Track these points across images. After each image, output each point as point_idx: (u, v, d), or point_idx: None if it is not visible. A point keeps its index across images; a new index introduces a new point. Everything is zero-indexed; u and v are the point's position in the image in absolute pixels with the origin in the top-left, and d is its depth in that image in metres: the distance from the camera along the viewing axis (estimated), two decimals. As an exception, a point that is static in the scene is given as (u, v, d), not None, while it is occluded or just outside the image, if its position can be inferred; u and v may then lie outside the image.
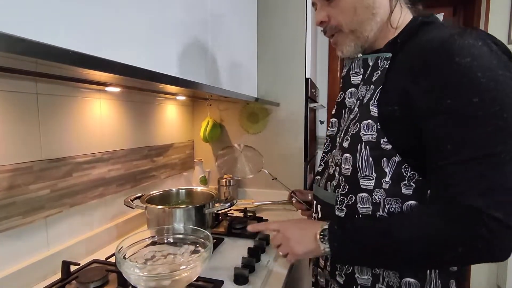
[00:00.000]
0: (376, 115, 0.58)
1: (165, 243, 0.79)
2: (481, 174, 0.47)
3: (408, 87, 0.55)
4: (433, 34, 0.55)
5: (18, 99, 0.75)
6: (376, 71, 0.62)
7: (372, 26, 0.62)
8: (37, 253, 0.80)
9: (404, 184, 0.57)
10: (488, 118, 0.47)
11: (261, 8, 1.44)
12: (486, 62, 0.49)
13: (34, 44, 0.31)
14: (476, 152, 0.48)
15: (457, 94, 0.49)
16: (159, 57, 0.70)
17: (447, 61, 0.50)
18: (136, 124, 1.18)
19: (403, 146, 0.56)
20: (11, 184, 0.73)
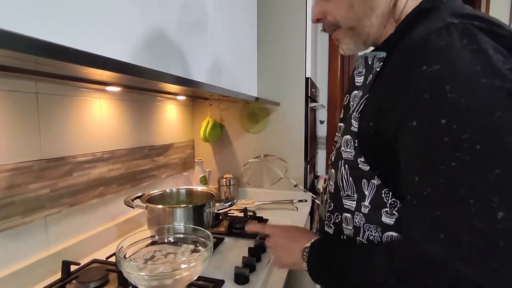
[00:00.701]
0: (356, 131, 0.51)
1: (166, 242, 0.78)
2: (440, 222, 0.39)
3: (380, 99, 0.48)
4: (418, 30, 0.46)
5: (18, 99, 0.75)
6: (370, 74, 0.53)
7: (373, 22, 0.54)
8: (37, 253, 0.80)
9: (385, 211, 0.49)
10: (455, 148, 0.37)
11: (261, 7, 1.44)
12: (461, 70, 0.38)
13: (33, 41, 0.31)
14: (439, 193, 0.39)
15: (422, 113, 0.40)
16: (159, 56, 0.70)
17: (414, 69, 0.41)
18: (136, 123, 1.18)
19: (381, 168, 0.49)
20: (10, 184, 0.73)
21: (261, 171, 1.11)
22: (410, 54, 0.44)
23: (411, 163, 0.42)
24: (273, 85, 1.48)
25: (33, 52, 0.32)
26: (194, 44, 0.86)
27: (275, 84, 1.47)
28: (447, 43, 0.40)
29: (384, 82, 0.48)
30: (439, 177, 0.39)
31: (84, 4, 0.48)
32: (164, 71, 0.65)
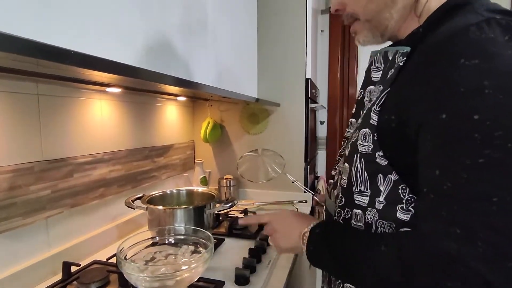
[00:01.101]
0: (375, 124, 0.50)
1: (166, 243, 0.78)
2: (456, 217, 0.38)
3: (405, 92, 0.46)
4: (452, 23, 0.44)
5: (19, 100, 0.75)
6: (392, 69, 0.52)
7: (392, 14, 0.52)
8: (38, 254, 0.80)
9: (401, 207, 0.48)
10: (485, 145, 0.36)
11: (261, 8, 1.44)
12: (502, 66, 0.37)
13: (36, 44, 0.31)
14: (461, 188, 0.38)
15: (454, 107, 0.39)
16: (160, 57, 0.70)
17: (449, 62, 0.40)
18: (137, 124, 1.18)
19: (400, 163, 0.47)
20: (11, 185, 0.73)
21: (257, 166, 1.10)
22: (444, 46, 0.41)
23: (433, 155, 0.41)
24: (273, 86, 1.48)
25: (35, 55, 0.32)
26: (194, 45, 0.86)
27: (275, 85, 1.48)
28: (488, 38, 0.38)
29: (409, 76, 0.47)
30: (462, 171, 0.38)
31: (84, 4, 0.48)
32: (165, 73, 0.65)
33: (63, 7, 0.44)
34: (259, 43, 1.47)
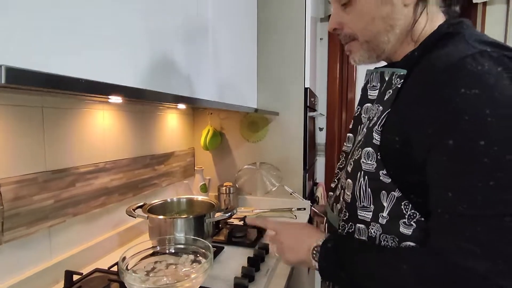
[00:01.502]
0: (378, 144, 0.52)
1: (166, 253, 0.80)
2: (476, 235, 0.41)
3: (409, 115, 0.48)
4: (445, 51, 0.48)
5: (25, 113, 0.77)
6: (389, 89, 0.55)
7: (390, 38, 0.55)
8: (40, 263, 0.82)
9: (403, 222, 0.50)
10: (495, 168, 0.40)
11: (261, 19, 1.47)
12: (500, 96, 0.41)
13: (45, 75, 0.33)
14: (476, 209, 0.41)
15: (460, 133, 0.42)
16: (161, 73, 0.72)
17: (451, 91, 0.43)
18: (138, 133, 1.20)
19: (403, 181, 0.50)
20: (16, 196, 0.75)
21: (255, 179, 1.14)
22: (444, 76, 0.45)
23: (444, 178, 0.44)
24: (272, 95, 1.50)
25: (45, 85, 0.34)
26: (194, 57, 0.88)
27: (274, 95, 1.50)
28: (484, 69, 0.42)
29: (410, 99, 0.49)
30: (476, 194, 0.41)
31: (83, 26, 0.50)
32: (166, 91, 0.67)
33: (63, 32, 0.46)
34: (258, 52, 1.49)
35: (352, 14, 0.56)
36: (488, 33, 1.87)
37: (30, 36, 0.39)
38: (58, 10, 0.43)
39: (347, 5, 0.56)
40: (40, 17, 0.40)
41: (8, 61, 0.29)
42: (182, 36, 0.79)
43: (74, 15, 0.46)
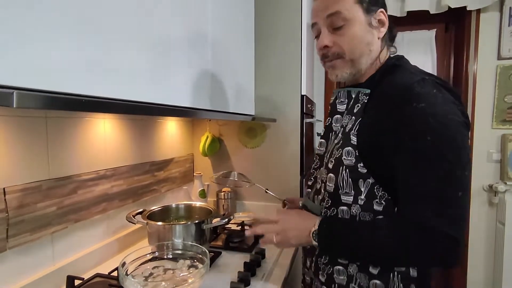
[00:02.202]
0: (355, 144, 0.68)
1: (165, 258, 0.83)
2: (445, 208, 0.59)
3: (378, 123, 0.66)
4: (400, 79, 0.68)
5: (29, 123, 0.80)
6: (357, 104, 0.73)
7: (367, 61, 0.72)
8: (43, 268, 0.85)
9: (376, 201, 0.67)
10: (443, 159, 0.59)
11: (258, 27, 1.51)
12: (438, 109, 0.60)
13: (45, 97, 0.36)
14: (438, 188, 0.59)
15: (414, 134, 0.61)
16: (160, 84, 0.75)
17: (408, 105, 0.62)
18: (138, 140, 1.23)
19: (376, 171, 0.67)
20: (20, 203, 0.78)
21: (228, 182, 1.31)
22: (401, 95, 0.64)
23: (407, 167, 0.62)
24: (270, 102, 1.53)
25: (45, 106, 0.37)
26: (195, 69, 0.91)
27: (272, 102, 1.53)
28: (426, 90, 0.62)
29: (376, 110, 0.68)
30: (430, 174, 0.60)
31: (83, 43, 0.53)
32: (166, 103, 0.70)
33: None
34: (256, 60, 1.52)
35: (345, 36, 0.70)
36: (482, 39, 1.91)
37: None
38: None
39: (339, 29, 0.70)
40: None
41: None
42: (182, 46, 0.83)
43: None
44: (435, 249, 0.60)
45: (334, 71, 0.74)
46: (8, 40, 0.37)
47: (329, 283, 0.73)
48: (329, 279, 0.73)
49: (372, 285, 0.68)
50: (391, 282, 0.68)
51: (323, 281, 0.75)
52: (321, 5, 0.72)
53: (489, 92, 1.93)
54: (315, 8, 0.74)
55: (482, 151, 1.96)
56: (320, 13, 0.72)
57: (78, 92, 0.46)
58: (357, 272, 0.70)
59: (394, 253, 0.63)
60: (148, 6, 0.67)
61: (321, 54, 0.76)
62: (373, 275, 0.68)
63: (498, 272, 1.93)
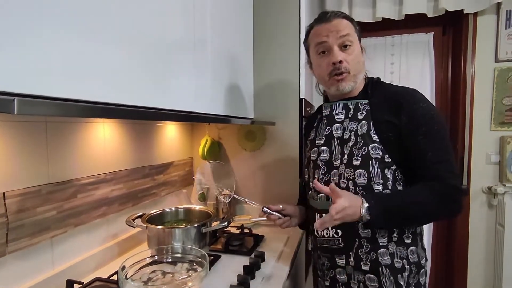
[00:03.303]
0: (378, 140, 0.85)
1: (164, 262, 0.83)
2: (451, 167, 0.82)
3: (393, 120, 0.84)
4: (398, 88, 0.90)
5: (30, 128, 0.81)
6: (360, 112, 0.89)
7: (361, 77, 0.92)
8: (43, 272, 0.85)
9: (397, 184, 0.86)
10: (444, 137, 0.83)
11: (257, 32, 1.52)
12: (433, 107, 0.86)
13: (53, 104, 0.37)
14: (445, 155, 0.82)
15: (427, 124, 0.83)
16: (159, 88, 0.76)
17: (416, 104, 0.84)
18: (138, 144, 1.23)
19: (397, 158, 0.84)
20: (20, 208, 0.78)
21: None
22: (407, 97, 0.85)
23: (425, 144, 0.82)
24: (269, 106, 1.54)
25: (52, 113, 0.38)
26: (193, 72, 0.92)
27: (271, 105, 1.54)
28: (422, 95, 0.87)
29: (383, 113, 0.86)
30: (443, 149, 0.83)
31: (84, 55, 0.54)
32: (166, 107, 0.71)
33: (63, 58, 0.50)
34: (254, 63, 1.53)
35: (352, 55, 0.87)
36: (480, 42, 1.92)
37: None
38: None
39: (347, 49, 0.87)
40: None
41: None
42: (181, 50, 0.83)
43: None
44: (454, 200, 0.82)
45: (343, 84, 0.88)
46: (8, 47, 0.38)
47: (375, 268, 0.84)
48: (374, 264, 0.84)
49: (410, 251, 0.85)
50: (417, 243, 0.87)
51: (367, 269, 0.85)
52: (334, 27, 0.87)
53: (487, 94, 1.94)
54: (326, 28, 0.87)
55: (481, 153, 1.96)
56: (332, 33, 0.86)
57: (80, 98, 0.47)
58: (396, 247, 0.84)
59: (431, 207, 0.81)
60: (148, 10, 0.68)
61: (332, 69, 0.88)
62: (408, 244, 0.85)
63: (498, 274, 1.92)
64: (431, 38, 2.13)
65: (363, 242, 0.85)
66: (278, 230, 1.40)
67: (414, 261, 0.86)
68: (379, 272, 0.84)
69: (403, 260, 0.84)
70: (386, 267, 0.83)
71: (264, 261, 1.05)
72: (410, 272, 0.85)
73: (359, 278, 0.87)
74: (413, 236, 0.87)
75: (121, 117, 0.55)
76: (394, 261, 0.84)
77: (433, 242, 2.18)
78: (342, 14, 0.90)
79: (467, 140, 1.97)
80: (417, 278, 0.86)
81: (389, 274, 0.83)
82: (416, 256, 0.86)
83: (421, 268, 0.87)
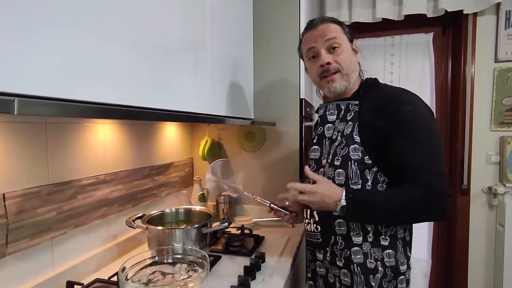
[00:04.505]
0: (359, 141, 0.85)
1: (164, 263, 0.83)
2: (435, 171, 0.79)
3: (376, 123, 0.84)
4: (384, 91, 0.89)
5: (29, 129, 0.81)
6: (349, 113, 0.90)
7: (354, 78, 0.93)
8: (43, 273, 0.85)
9: (379, 185, 0.85)
10: (429, 139, 0.81)
11: (257, 32, 1.52)
12: (420, 109, 0.83)
13: (53, 104, 0.36)
14: (429, 159, 0.79)
15: (409, 126, 0.81)
16: (160, 88, 0.76)
17: (400, 106, 0.82)
18: (138, 145, 1.23)
19: (378, 160, 0.83)
20: (20, 209, 0.78)
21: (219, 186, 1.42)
22: (392, 101, 0.84)
23: (408, 148, 0.80)
24: (269, 106, 1.54)
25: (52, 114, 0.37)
26: (192, 73, 0.92)
27: (271, 106, 1.54)
28: (410, 97, 0.85)
29: (370, 115, 0.85)
30: (426, 153, 0.80)
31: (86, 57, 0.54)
32: (165, 108, 0.71)
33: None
34: (254, 63, 1.53)
35: (340, 55, 0.89)
36: (479, 42, 1.92)
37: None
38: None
39: (335, 51, 0.89)
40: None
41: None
42: (180, 51, 0.83)
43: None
44: (437, 204, 0.79)
45: (333, 84, 0.90)
46: (8, 47, 0.38)
47: (348, 265, 0.86)
48: (347, 261, 0.86)
49: (386, 254, 0.84)
50: (397, 248, 0.85)
51: (341, 265, 0.87)
52: (320, 33, 0.90)
53: (487, 94, 1.94)
54: (313, 35, 0.91)
55: (481, 153, 1.96)
56: (319, 38, 0.90)
57: (79, 98, 0.47)
58: (370, 248, 0.85)
59: (407, 210, 0.80)
60: (148, 12, 0.68)
61: (321, 71, 0.91)
62: (384, 246, 0.85)
63: (498, 274, 1.92)
64: (430, 38, 2.13)
65: (338, 239, 0.87)
66: (278, 231, 1.40)
67: (391, 265, 0.84)
68: (351, 269, 0.85)
69: (377, 262, 0.84)
70: (358, 266, 0.84)
71: (265, 262, 1.05)
72: (385, 275, 0.84)
73: (335, 272, 0.90)
74: (392, 239, 0.85)
75: (121, 118, 0.55)
76: (367, 261, 0.84)
77: (434, 242, 2.17)
78: (330, 18, 0.93)
79: (467, 140, 1.97)
80: (393, 283, 0.84)
81: (359, 273, 0.84)
82: (393, 261, 0.84)
83: (400, 274, 0.85)
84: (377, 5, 1.94)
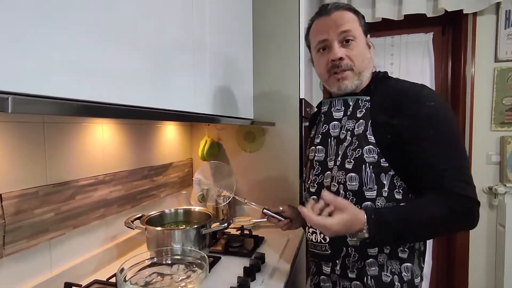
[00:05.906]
0: (375, 142, 0.76)
1: (164, 264, 0.82)
2: (464, 175, 0.71)
3: (391, 121, 0.75)
4: (400, 85, 0.80)
5: (27, 129, 0.80)
6: (359, 109, 0.81)
7: (367, 74, 0.83)
8: (41, 275, 0.84)
9: (396, 191, 0.75)
10: (454, 140, 0.73)
11: (257, 31, 1.51)
12: (443, 106, 0.75)
13: (49, 102, 0.36)
14: (456, 162, 0.71)
15: (433, 126, 0.72)
16: (160, 89, 0.75)
17: (420, 103, 0.73)
18: (137, 145, 1.23)
19: (395, 163, 0.74)
20: (17, 209, 0.77)
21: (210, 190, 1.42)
22: (411, 96, 0.75)
23: (431, 150, 0.71)
24: (268, 106, 1.53)
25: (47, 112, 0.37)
26: (192, 73, 0.91)
27: (270, 106, 1.53)
28: (430, 92, 0.76)
29: (384, 112, 0.76)
30: (451, 156, 0.71)
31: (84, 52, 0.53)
32: (165, 108, 0.70)
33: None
34: (254, 63, 1.53)
35: (354, 51, 0.79)
36: (479, 42, 1.92)
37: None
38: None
39: (349, 45, 0.79)
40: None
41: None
42: (180, 51, 0.83)
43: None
44: (469, 212, 0.71)
45: (344, 82, 0.80)
46: (4, 45, 0.37)
47: (361, 277, 0.77)
48: (360, 273, 0.78)
49: (404, 268, 0.77)
50: (414, 260, 0.78)
51: (354, 277, 0.78)
52: (333, 24, 0.79)
53: (487, 94, 1.94)
54: (325, 23, 0.80)
55: (481, 153, 1.96)
56: (332, 29, 0.79)
57: (77, 97, 0.46)
58: (387, 260, 0.76)
59: (444, 224, 0.71)
60: (147, 11, 0.68)
61: (331, 66, 0.81)
62: (403, 259, 0.77)
63: (499, 275, 1.92)
64: (430, 38, 2.12)
65: (351, 251, 0.78)
66: (278, 232, 1.39)
67: (407, 279, 0.76)
68: (364, 281, 0.77)
69: (394, 276, 0.76)
70: (372, 278, 0.76)
71: (265, 263, 1.04)
72: None
73: (344, 285, 0.81)
74: (411, 251, 0.77)
75: (119, 117, 0.54)
76: (382, 274, 0.76)
77: (434, 242, 2.17)
78: (346, 5, 0.81)
79: (467, 140, 1.97)
80: None
81: (373, 286, 0.76)
82: (410, 275, 0.77)
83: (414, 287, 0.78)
84: (377, 5, 1.94)
